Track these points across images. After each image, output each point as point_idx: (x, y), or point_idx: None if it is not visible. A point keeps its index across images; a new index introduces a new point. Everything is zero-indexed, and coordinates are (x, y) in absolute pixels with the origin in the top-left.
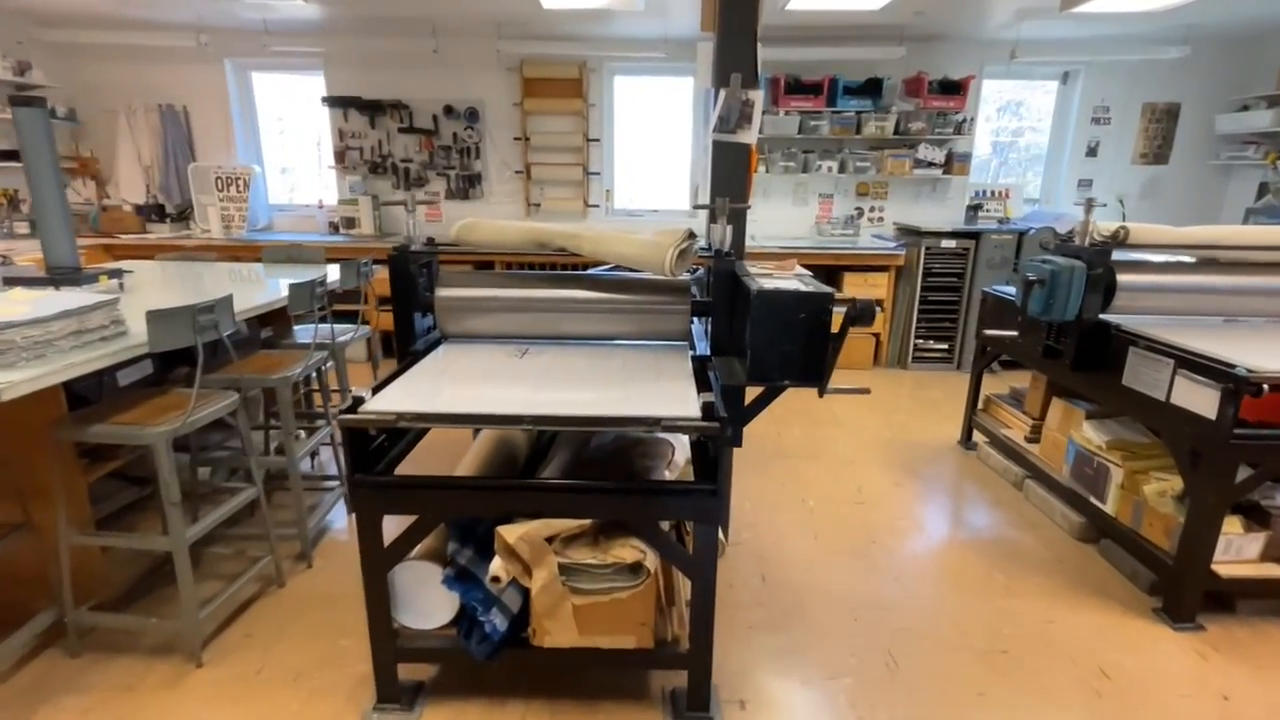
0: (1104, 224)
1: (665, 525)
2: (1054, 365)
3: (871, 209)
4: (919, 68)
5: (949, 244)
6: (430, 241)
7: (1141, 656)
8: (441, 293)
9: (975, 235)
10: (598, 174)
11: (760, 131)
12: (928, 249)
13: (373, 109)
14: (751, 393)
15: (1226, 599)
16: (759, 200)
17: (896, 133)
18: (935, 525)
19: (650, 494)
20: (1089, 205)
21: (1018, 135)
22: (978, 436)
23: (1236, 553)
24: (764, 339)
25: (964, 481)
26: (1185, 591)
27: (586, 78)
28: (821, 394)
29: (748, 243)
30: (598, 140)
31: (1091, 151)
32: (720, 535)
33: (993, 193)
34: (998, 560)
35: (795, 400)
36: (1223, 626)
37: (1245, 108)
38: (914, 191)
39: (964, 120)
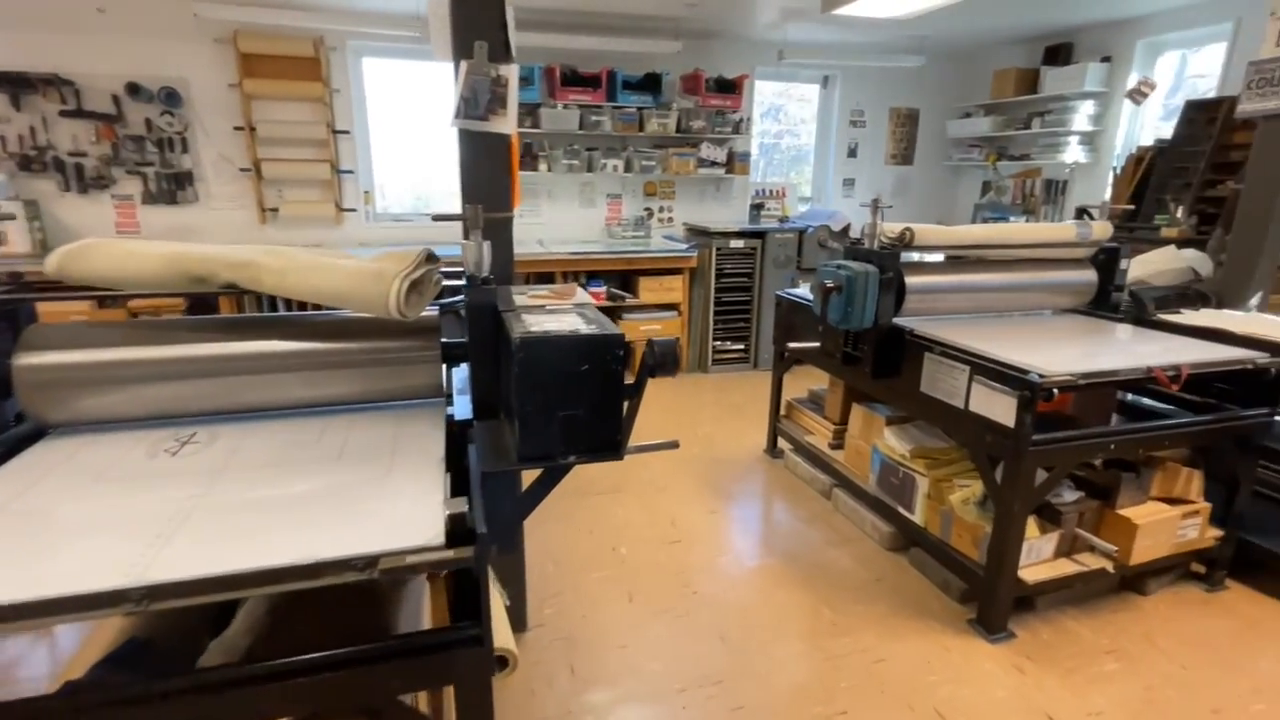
0: (890, 225)
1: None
2: (854, 372)
3: (661, 209)
4: (696, 64)
5: (738, 244)
6: (13, 280)
7: (970, 686)
8: (26, 360)
9: (760, 234)
10: (351, 172)
11: (538, 125)
12: (718, 249)
13: (16, 84)
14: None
15: (1029, 599)
16: (545, 202)
17: (679, 131)
18: (754, 558)
19: (380, 660)
20: (875, 206)
21: (779, 138)
22: (783, 443)
23: (1036, 555)
24: (536, 402)
25: (775, 497)
26: (997, 602)
27: (326, 57)
28: (621, 458)
29: (535, 250)
30: (347, 132)
31: (852, 152)
32: (510, 644)
33: (771, 192)
34: (821, 590)
35: None
36: (1029, 629)
37: (968, 115)
38: (700, 191)
39: (741, 120)
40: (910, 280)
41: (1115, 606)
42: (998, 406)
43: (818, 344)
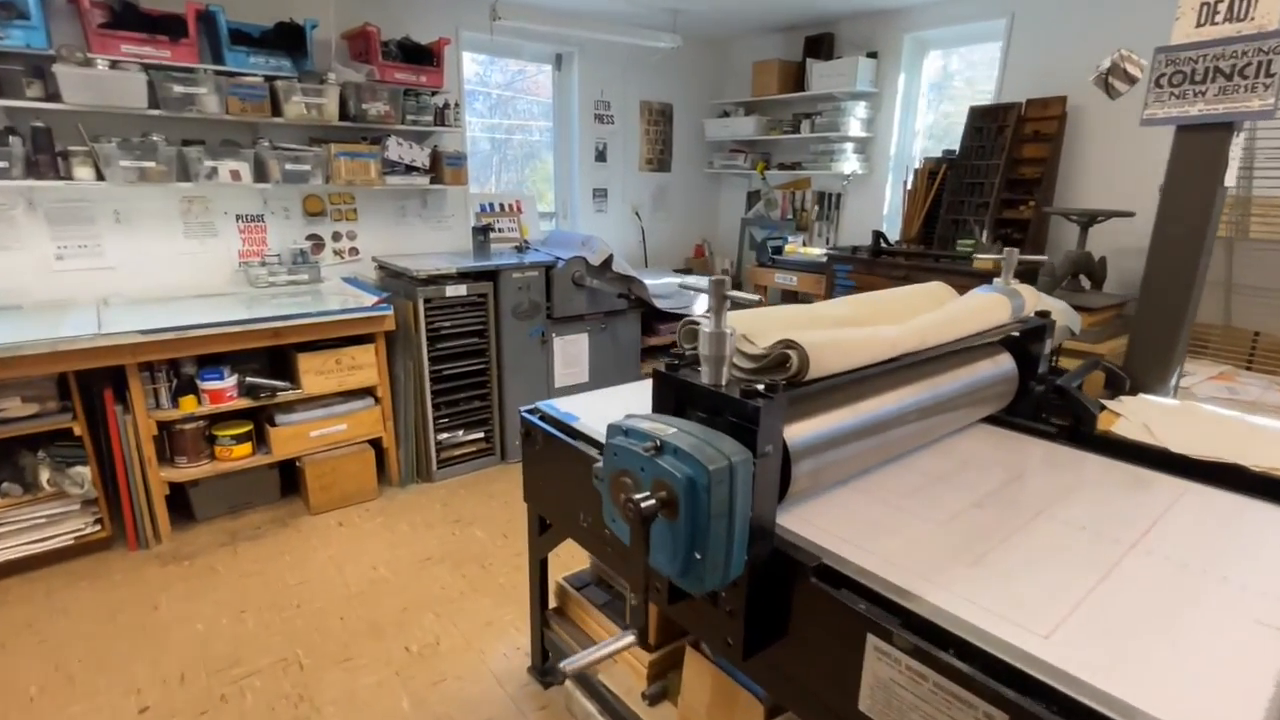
0: (739, 318)
1: None
2: (703, 625)
3: (337, 237)
4: (364, 17)
5: (457, 289)
6: None
7: None
8: None
9: (491, 274)
10: None
11: (56, 97)
12: (428, 301)
13: None
14: None
15: None
16: (110, 234)
17: (346, 118)
18: None
19: None
20: (720, 291)
21: (510, 134)
22: (558, 657)
23: None
24: None
25: None
26: None
27: None
28: None
29: (87, 330)
30: None
31: (601, 155)
32: None
33: (502, 206)
34: None
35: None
36: None
37: (726, 114)
38: (397, 208)
39: (447, 105)
40: (792, 438)
41: None
42: None
43: (631, 637)
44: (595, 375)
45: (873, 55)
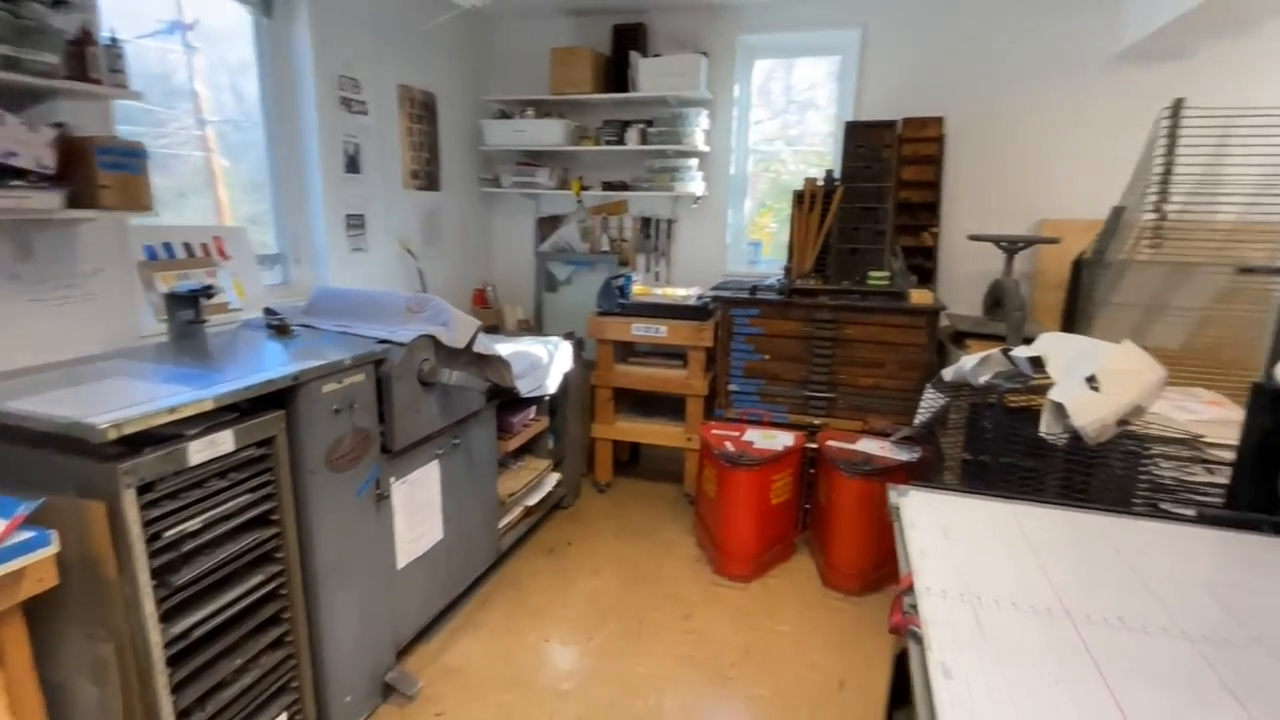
0: None
1: None
2: None
3: None
4: None
5: (217, 445)
6: None
7: None
8: None
9: (282, 394)
10: None
11: None
12: (146, 487)
13: None
14: None
15: None
16: None
17: None
18: None
19: None
20: None
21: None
22: None
23: None
24: None
25: None
26: None
27: None
28: None
29: None
30: None
31: (352, 164)
32: None
33: (188, 249)
34: None
35: None
36: None
37: (504, 114)
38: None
39: (89, 37)
40: None
41: None
42: None
43: None
44: (451, 525)
45: (703, 55)
